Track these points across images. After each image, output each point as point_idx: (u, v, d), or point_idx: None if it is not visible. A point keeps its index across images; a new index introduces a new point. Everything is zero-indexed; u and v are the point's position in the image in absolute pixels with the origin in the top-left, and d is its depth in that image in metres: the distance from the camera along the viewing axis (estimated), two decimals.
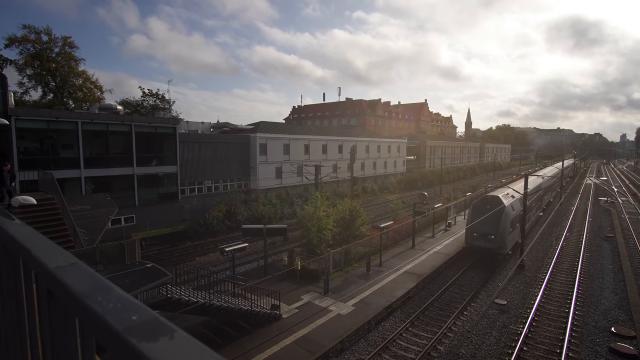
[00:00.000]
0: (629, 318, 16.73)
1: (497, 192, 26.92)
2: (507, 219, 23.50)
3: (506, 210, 23.57)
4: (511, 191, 28.38)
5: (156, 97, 54.24)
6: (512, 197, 26.46)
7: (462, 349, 14.25)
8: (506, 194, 26.38)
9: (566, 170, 60.48)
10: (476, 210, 24.58)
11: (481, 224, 23.28)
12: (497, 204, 23.76)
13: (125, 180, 30.25)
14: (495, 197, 24.71)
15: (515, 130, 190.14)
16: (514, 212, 24.77)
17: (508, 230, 23.58)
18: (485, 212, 23.05)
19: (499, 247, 23.41)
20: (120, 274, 8.38)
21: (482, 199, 25.48)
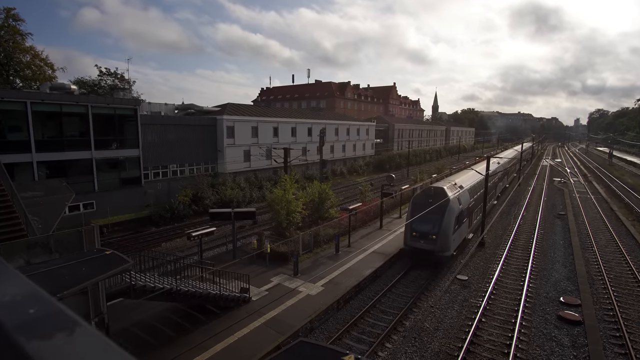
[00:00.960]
0: (576, 288, 18.11)
1: (441, 183, 23.65)
2: (452, 215, 20.11)
3: (451, 204, 20.20)
4: (461, 180, 25.59)
5: (115, 76, 51.40)
6: (459, 188, 23.17)
7: (426, 323, 14.92)
8: (452, 185, 23.14)
9: (525, 153, 63.46)
10: (416, 204, 20.98)
11: (421, 221, 19.83)
12: (441, 196, 20.40)
13: (82, 165, 28.67)
14: (438, 189, 21.29)
15: (479, 114, 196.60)
16: (461, 207, 21.48)
17: (452, 229, 20.08)
18: (426, 206, 19.22)
19: (441, 248, 19.75)
20: (76, 262, 8.00)
21: (424, 192, 22.08)
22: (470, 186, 25.45)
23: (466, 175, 28.94)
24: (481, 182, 27.12)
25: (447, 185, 22.34)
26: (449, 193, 20.87)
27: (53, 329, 0.54)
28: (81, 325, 0.56)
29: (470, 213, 24.19)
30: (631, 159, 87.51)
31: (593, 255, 22.79)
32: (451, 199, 20.47)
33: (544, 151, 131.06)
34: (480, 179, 28.02)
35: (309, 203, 28.06)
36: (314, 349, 5.25)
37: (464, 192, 23.17)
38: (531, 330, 14.43)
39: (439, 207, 19.43)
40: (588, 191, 47.58)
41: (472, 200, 24.05)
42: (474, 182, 26.99)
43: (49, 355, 0.49)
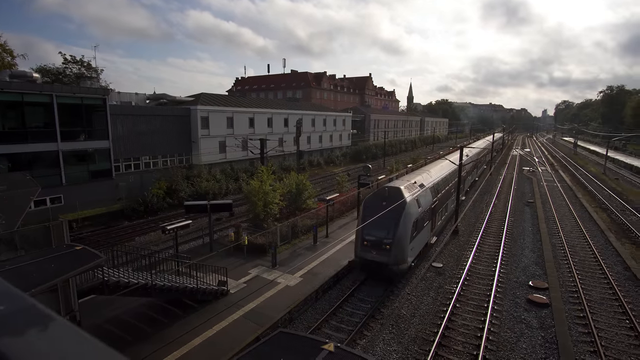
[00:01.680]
0: (544, 272, 18.98)
1: (398, 182, 20.31)
2: (409, 220, 17.12)
3: (408, 207, 17.22)
4: (424, 178, 22.52)
5: (81, 64, 48.95)
6: (419, 188, 20.19)
7: (403, 310, 15.27)
8: (411, 184, 19.91)
9: (496, 144, 65.40)
10: (368, 207, 17.74)
11: (373, 228, 16.79)
12: (396, 198, 17.28)
13: (48, 157, 27.33)
14: (393, 190, 18.09)
15: (453, 105, 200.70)
16: (421, 209, 18.64)
17: (409, 236, 17.06)
18: (379, 209, 16.25)
19: (396, 260, 16.63)
20: (45, 259, 7.64)
21: (377, 192, 18.92)
22: (434, 183, 22.87)
23: (432, 169, 26.35)
24: (447, 177, 26.16)
25: (404, 184, 19.26)
26: (406, 194, 17.87)
27: (25, 325, 0.52)
28: (55, 320, 0.54)
29: (434, 214, 21.48)
30: (594, 148, 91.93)
31: (559, 241, 23.89)
32: (408, 201, 17.53)
33: (513, 141, 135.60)
34: (446, 172, 26.93)
35: (286, 194, 27.96)
36: (293, 339, 5.25)
37: (425, 192, 20.48)
38: (502, 314, 15.04)
39: (393, 210, 16.28)
40: (555, 179, 49.72)
41: (435, 200, 21.43)
42: (439, 178, 24.61)
43: (21, 350, 0.47)
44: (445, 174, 26.61)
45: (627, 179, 52.77)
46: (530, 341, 13.19)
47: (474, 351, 12.45)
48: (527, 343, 13.07)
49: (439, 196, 22.88)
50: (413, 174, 23.86)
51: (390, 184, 19.82)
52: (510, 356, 12.37)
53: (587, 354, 12.42)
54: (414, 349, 12.72)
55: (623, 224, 28.17)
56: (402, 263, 16.85)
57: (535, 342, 13.15)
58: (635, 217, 30.12)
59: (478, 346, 12.62)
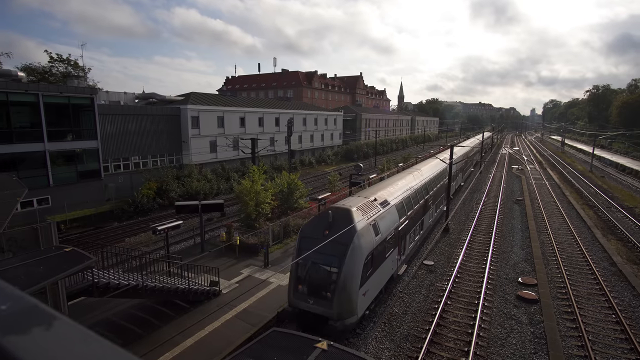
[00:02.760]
0: (533, 269, 19.28)
1: (352, 200, 15.44)
2: (359, 256, 12.48)
3: (358, 237, 12.62)
4: (389, 192, 17.70)
5: (67, 63, 48.14)
6: (380, 207, 15.44)
7: (395, 308, 15.37)
8: (369, 202, 15.16)
9: (486, 142, 66.10)
10: (307, 238, 13.28)
11: (311, 266, 12.73)
12: (343, 224, 12.74)
13: (35, 158, 26.84)
14: (341, 212, 13.57)
15: (443, 104, 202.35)
16: (379, 237, 14.04)
17: (359, 278, 12.37)
18: (320, 241, 11.97)
19: (339, 313, 12.18)
20: (33, 261, 7.52)
21: (320, 217, 14.26)
22: (406, 196, 18.72)
23: (409, 176, 22.40)
24: (427, 183, 23.35)
25: (359, 203, 14.67)
26: (357, 218, 13.21)
27: (29, 324, 0.52)
28: (59, 318, 0.54)
29: (402, 238, 17.19)
30: (581, 146, 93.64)
31: (548, 238, 24.29)
32: (360, 229, 12.91)
33: (503, 140, 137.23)
34: (427, 176, 24.20)
35: (278, 194, 27.91)
36: (287, 338, 5.26)
37: (388, 212, 15.81)
38: (493, 310, 15.24)
39: (338, 243, 12.08)
40: (543, 177, 50.48)
41: (404, 219, 17.36)
42: (416, 186, 21.10)
43: (28, 348, 0.47)
44: (420, 181, 22.78)
45: (613, 176, 53.86)
46: (520, 337, 13.40)
47: (465, 347, 12.59)
48: (517, 339, 13.28)
49: (411, 212, 18.59)
50: (376, 187, 18.66)
51: (340, 203, 15.12)
52: (500, 352, 12.55)
53: (575, 349, 12.66)
54: (406, 347, 12.82)
55: (609, 220, 28.75)
56: (348, 316, 12.20)
57: (524, 337, 13.36)
58: (621, 214, 30.77)
59: (469, 342, 12.77)
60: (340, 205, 14.67)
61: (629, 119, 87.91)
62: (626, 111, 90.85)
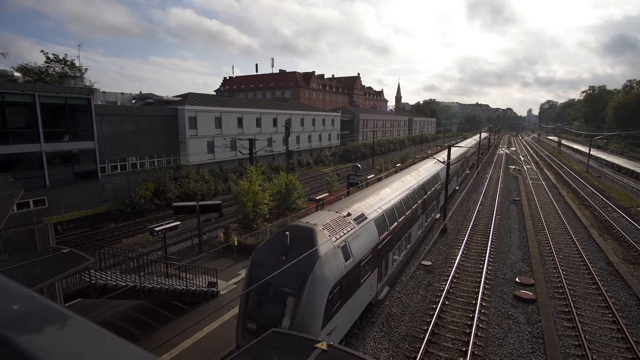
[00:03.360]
0: (530, 269, 19.35)
1: (320, 217, 12.64)
2: (321, 289, 10.05)
3: (320, 266, 10.18)
4: (368, 204, 15.17)
5: (64, 63, 47.94)
6: (354, 223, 12.94)
7: (393, 308, 15.39)
8: (340, 219, 12.65)
9: (482, 142, 66.28)
10: (259, 265, 10.77)
11: (262, 301, 10.42)
12: (304, 247, 10.28)
13: (31, 159, 26.72)
14: (303, 232, 11.09)
15: (440, 104, 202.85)
16: (350, 261, 11.53)
17: (320, 318, 9.91)
18: (274, 268, 9.53)
19: None
20: (30, 263, 7.49)
21: (276, 237, 11.37)
22: (388, 208, 16.08)
23: (394, 184, 19.90)
24: (414, 192, 20.77)
25: (327, 221, 12.05)
26: (320, 241, 10.58)
27: (43, 322, 0.52)
28: (72, 317, 0.54)
29: (383, 257, 14.83)
30: (577, 147, 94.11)
31: (545, 238, 24.38)
32: (323, 255, 10.30)
33: (500, 140, 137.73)
34: (414, 185, 21.53)
35: (275, 194, 27.90)
36: (286, 338, 5.26)
37: (365, 228, 13.31)
38: (490, 310, 15.28)
39: (294, 274, 9.71)
40: (540, 178, 50.70)
41: (386, 235, 14.98)
42: (398, 197, 18.06)
43: (43, 346, 0.47)
44: (414, 185, 21.36)
45: (609, 176, 54.14)
46: (518, 336, 13.44)
47: (463, 347, 12.62)
48: (515, 338, 13.32)
49: (395, 226, 16.19)
50: (355, 198, 16.03)
51: (304, 220, 12.29)
52: (498, 351, 12.59)
53: (572, 348, 12.72)
54: (405, 347, 12.84)
55: (605, 220, 28.90)
56: None
57: (522, 337, 13.41)
58: (617, 213, 30.94)
59: (467, 342, 12.80)
60: (303, 223, 11.79)
61: (624, 119, 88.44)
62: (622, 112, 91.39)
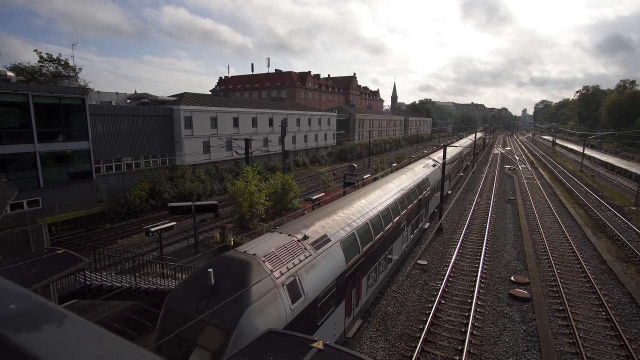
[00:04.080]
0: (525, 268, 19.48)
1: (263, 243, 9.85)
2: None
3: (248, 318, 7.31)
4: (332, 223, 12.32)
5: (58, 63, 47.58)
6: (310, 251, 10.26)
7: (390, 308, 15.44)
8: (294, 244, 10.12)
9: (478, 142, 66.62)
10: (174, 310, 7.87)
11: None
12: (231, 289, 7.59)
13: (24, 159, 26.49)
14: (235, 267, 8.38)
15: (436, 104, 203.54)
16: (297, 306, 8.70)
17: None
18: (192, 316, 7.13)
19: None
20: (24, 264, 7.43)
21: (198, 275, 8.45)
22: (362, 224, 13.51)
23: (372, 194, 17.04)
24: (397, 201, 18.11)
25: (273, 248, 9.47)
26: (255, 278, 8.07)
27: (41, 321, 0.52)
28: (68, 316, 0.55)
29: (353, 286, 12.38)
30: (571, 146, 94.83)
31: (539, 237, 24.55)
32: (257, 301, 7.74)
33: (495, 140, 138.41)
34: (398, 192, 18.93)
35: (271, 194, 27.87)
36: (282, 338, 5.26)
37: (327, 255, 10.70)
38: (486, 309, 15.37)
39: (213, 329, 7.28)
40: (534, 177, 51.03)
41: (357, 259, 12.39)
42: (377, 209, 15.43)
43: (41, 345, 0.47)
44: (398, 193, 18.90)
45: (603, 175, 54.63)
46: (513, 335, 13.53)
47: (458, 346, 12.69)
48: (510, 336, 13.41)
49: (370, 245, 13.73)
50: (319, 214, 13.08)
51: (242, 248, 9.31)
52: (493, 350, 12.66)
53: (566, 345, 12.83)
54: (401, 346, 12.88)
55: (599, 219, 29.16)
56: None
57: (517, 335, 13.50)
58: (611, 212, 31.23)
59: (463, 341, 12.87)
60: (238, 253, 8.78)
61: (617, 119, 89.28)
62: (615, 111, 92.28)
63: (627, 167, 54.47)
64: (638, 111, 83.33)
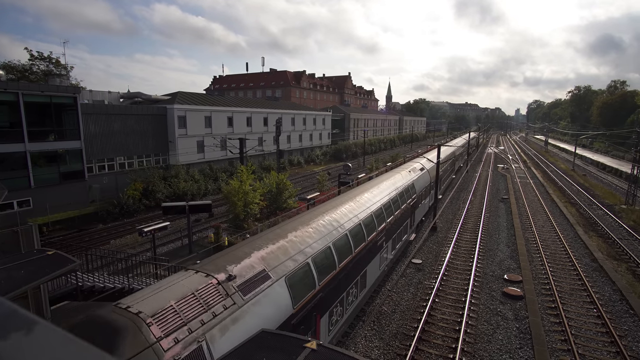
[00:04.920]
0: (518, 266, 19.63)
1: (155, 293, 6.59)
2: None
3: None
4: (278, 252, 9.35)
5: (49, 61, 47.05)
6: (233, 300, 7.22)
7: (384, 307, 15.47)
8: (210, 290, 7.13)
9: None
10: None
11: None
12: None
13: (14, 158, 26.14)
14: (101, 333, 5.53)
15: (430, 104, 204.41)
16: None
17: None
18: None
19: None
20: (14, 265, 7.32)
21: None
22: (322, 250, 10.60)
23: (342, 207, 13.95)
24: (377, 211, 15.48)
25: (171, 301, 6.49)
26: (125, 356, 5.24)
27: (8, 329, 0.50)
28: (38, 323, 0.53)
29: (308, 329, 9.59)
30: (563, 146, 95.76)
31: (532, 235, 24.76)
32: None
33: (488, 139, 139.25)
34: (379, 201, 16.30)
35: (266, 194, 27.80)
36: (276, 338, 5.24)
37: (264, 297, 7.98)
38: (479, 307, 15.47)
39: None
40: (527, 176, 51.46)
41: (316, 292, 9.86)
42: (344, 227, 12.46)
43: (9, 353, 0.46)
44: (377, 204, 15.91)
45: (594, 174, 55.26)
46: (506, 332, 13.63)
47: (452, 344, 12.75)
48: (503, 334, 13.51)
49: (333, 274, 10.82)
50: (260, 240, 9.87)
51: (124, 302, 6.35)
52: (487, 347, 12.74)
53: (558, 343, 12.95)
54: (395, 344, 12.91)
55: (590, 217, 29.48)
56: None
57: (510, 333, 13.60)
58: (602, 211, 31.59)
59: (457, 339, 12.94)
60: (116, 311, 6.08)
61: (609, 119, 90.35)
62: (606, 111, 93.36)
63: (618, 166, 55.13)
64: (628, 111, 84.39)
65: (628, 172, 39.32)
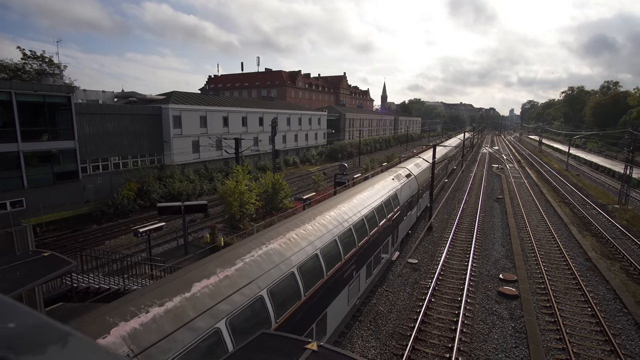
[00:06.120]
0: (513, 265, 19.77)
1: None
2: None
3: None
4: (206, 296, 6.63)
5: (42, 60, 46.58)
6: None
7: (381, 307, 15.51)
8: None
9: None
10: None
11: None
12: None
13: (7, 159, 25.84)
14: None
15: (425, 104, 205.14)
16: None
17: None
18: None
19: None
20: (9, 267, 7.24)
21: None
22: (274, 287, 8.03)
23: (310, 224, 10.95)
24: (347, 233, 12.24)
25: None
26: None
27: (44, 342, 0.48)
28: (72, 335, 0.52)
29: None
30: (557, 146, 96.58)
31: (527, 235, 24.94)
32: None
33: (483, 139, 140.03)
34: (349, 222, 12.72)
35: (262, 194, 27.74)
36: (276, 340, 5.23)
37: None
38: (475, 307, 15.55)
39: None
40: (522, 176, 51.82)
41: None
42: (308, 252, 9.66)
43: None
44: (354, 220, 13.19)
45: (587, 174, 55.80)
46: (502, 332, 13.72)
47: (449, 344, 12.81)
48: (499, 334, 13.59)
49: (285, 318, 8.22)
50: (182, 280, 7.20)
51: None
52: (483, 347, 12.81)
53: (553, 342, 13.05)
54: (392, 344, 12.94)
55: (584, 217, 29.75)
56: None
57: (506, 332, 13.69)
58: (595, 210, 31.90)
59: (453, 339, 13.00)
60: None
61: (601, 119, 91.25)
62: (599, 112, 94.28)
63: (611, 166, 55.72)
64: (621, 111, 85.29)
65: (621, 172, 39.74)
